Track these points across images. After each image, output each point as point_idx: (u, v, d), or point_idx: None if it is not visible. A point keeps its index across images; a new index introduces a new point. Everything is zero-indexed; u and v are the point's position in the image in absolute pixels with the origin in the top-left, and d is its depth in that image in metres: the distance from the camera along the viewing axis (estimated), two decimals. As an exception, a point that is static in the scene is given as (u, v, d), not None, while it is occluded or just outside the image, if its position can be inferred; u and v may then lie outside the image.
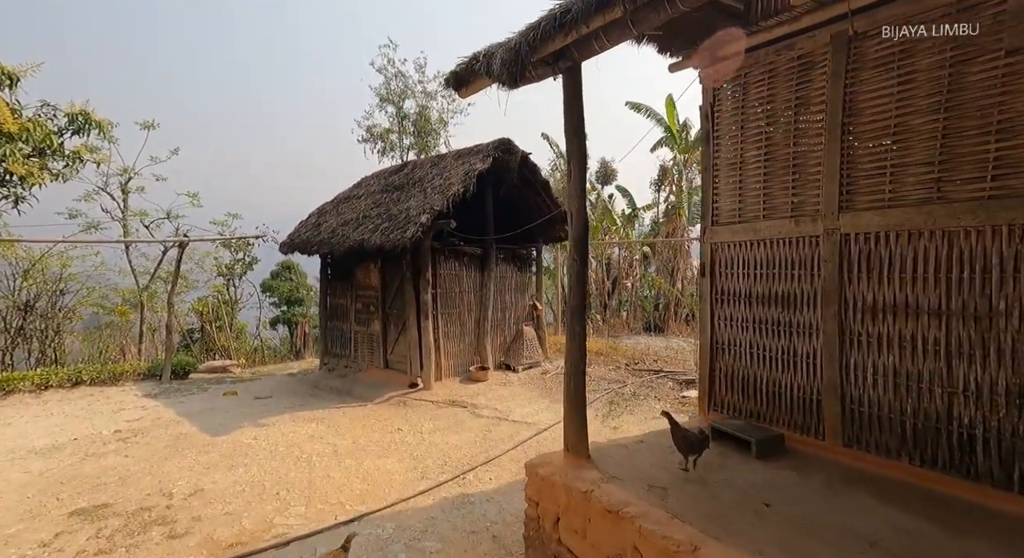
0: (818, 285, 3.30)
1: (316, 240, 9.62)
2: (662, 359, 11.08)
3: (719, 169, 3.95)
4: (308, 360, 14.75)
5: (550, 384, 8.79)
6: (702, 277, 4.11)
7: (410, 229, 7.61)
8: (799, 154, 3.41)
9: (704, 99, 4.05)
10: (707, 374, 4.09)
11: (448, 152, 9.70)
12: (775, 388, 3.60)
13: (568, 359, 3.39)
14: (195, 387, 9.53)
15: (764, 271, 3.64)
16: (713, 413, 4.04)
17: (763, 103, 3.61)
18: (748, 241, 3.73)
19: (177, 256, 10.15)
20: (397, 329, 9.15)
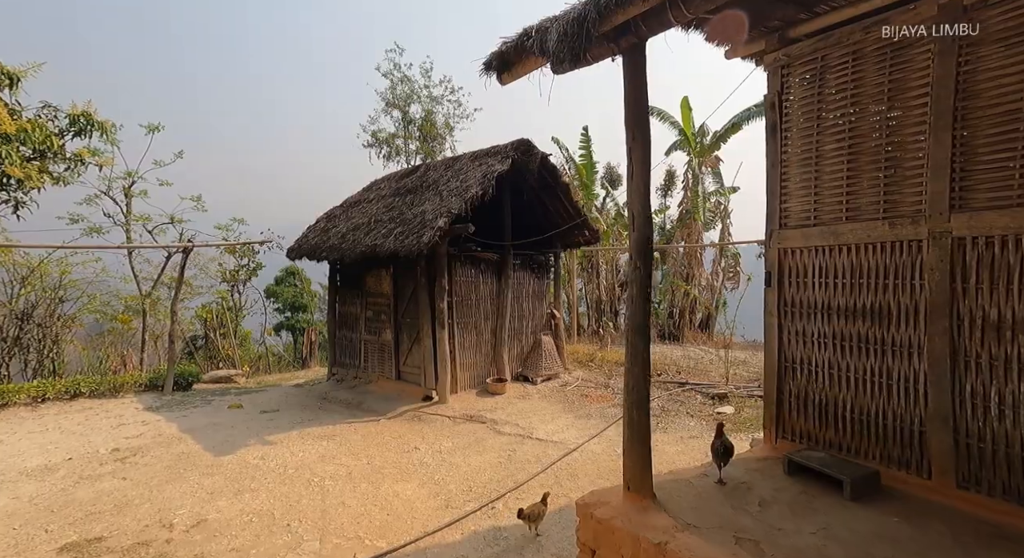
0: (920, 297, 2.84)
1: (325, 246, 9.20)
2: (684, 370, 10.60)
3: (788, 165, 3.51)
4: (314, 369, 14.32)
5: (572, 397, 8.32)
6: (767, 287, 3.66)
7: (426, 234, 7.18)
8: (893, 146, 2.96)
9: (769, 87, 3.62)
10: (774, 397, 3.62)
11: (464, 154, 9.29)
12: (862, 415, 3.14)
13: (629, 384, 2.93)
14: (198, 399, 9.10)
15: (847, 280, 3.19)
16: (782, 441, 3.57)
17: (845, 89, 3.17)
18: (826, 246, 3.28)
19: (181, 262, 9.76)
20: (410, 339, 8.71)
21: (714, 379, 9.73)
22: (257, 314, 21.49)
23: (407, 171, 10.56)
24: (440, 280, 7.99)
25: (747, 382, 9.40)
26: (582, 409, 7.71)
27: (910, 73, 2.86)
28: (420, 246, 7.12)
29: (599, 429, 6.74)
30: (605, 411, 7.55)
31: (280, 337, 20.75)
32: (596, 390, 8.74)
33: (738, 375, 10.11)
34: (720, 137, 17.05)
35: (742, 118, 16.42)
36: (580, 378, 9.47)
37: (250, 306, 19.83)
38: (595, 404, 7.94)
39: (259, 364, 16.16)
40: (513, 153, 8.23)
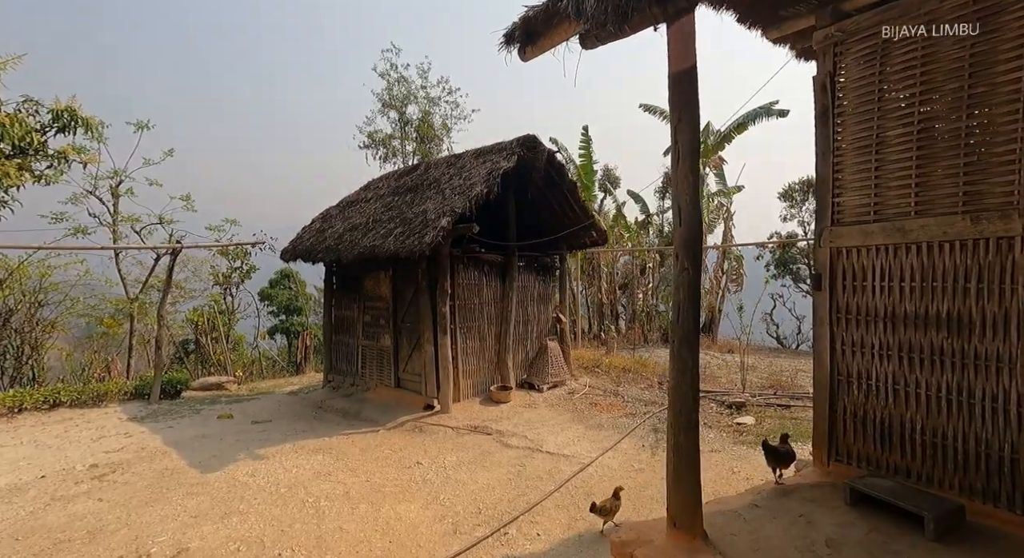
0: (1012, 303, 2.46)
1: (321, 247, 8.77)
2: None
3: (842, 154, 3.13)
4: (309, 375, 13.86)
5: (580, 406, 7.91)
6: (816, 291, 3.27)
7: (428, 234, 6.77)
8: (976, 129, 2.58)
9: (820, 67, 3.24)
10: (826, 413, 3.23)
11: (466, 151, 8.90)
12: (936, 438, 2.75)
13: (676, 403, 2.53)
14: (187, 408, 8.63)
15: (916, 284, 2.80)
16: (837, 464, 3.18)
17: (914, 66, 2.79)
18: (890, 245, 2.90)
19: (169, 264, 9.30)
20: (410, 344, 8.28)
21: (726, 386, 9.35)
22: (251, 317, 21.09)
23: (407, 170, 10.16)
24: (442, 283, 7.58)
25: (761, 389, 9.03)
26: (592, 419, 7.31)
27: (999, 43, 2.49)
28: (422, 247, 6.71)
29: (612, 441, 6.33)
30: (617, 421, 7.14)
31: (274, 341, 20.34)
32: (605, 398, 8.34)
33: (750, 382, 9.74)
34: (724, 137, 16.76)
35: (748, 118, 16.13)
36: (587, 385, 9.07)
37: (243, 309, 19.40)
38: (605, 414, 7.53)
39: (252, 369, 15.69)
40: (519, 150, 7.84)
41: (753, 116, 16.19)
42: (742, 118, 16.33)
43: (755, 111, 16.24)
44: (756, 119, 16.19)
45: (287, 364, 16.75)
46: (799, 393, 8.66)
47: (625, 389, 8.89)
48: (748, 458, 5.51)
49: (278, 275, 21.20)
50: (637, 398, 8.32)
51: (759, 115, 16.17)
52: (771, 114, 15.87)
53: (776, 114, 15.72)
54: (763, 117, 16.08)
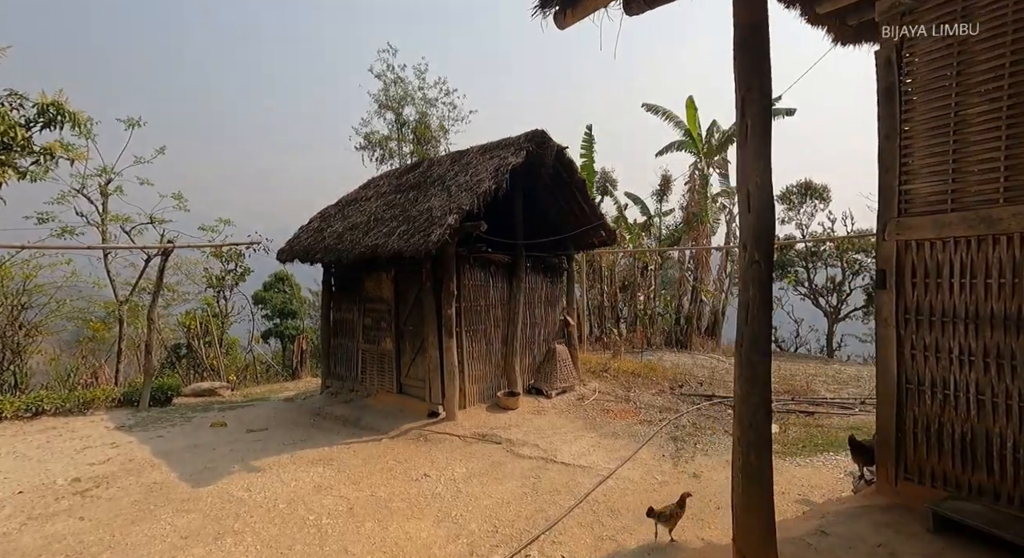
0: None
1: (319, 247, 8.40)
2: (705, 381, 9.90)
3: (911, 136, 2.81)
4: (305, 380, 13.46)
5: (592, 413, 7.57)
6: (880, 289, 2.95)
7: (435, 232, 6.42)
8: (1083, 103, 2.26)
9: (883, 42, 2.92)
10: (892, 426, 2.90)
11: (471, 147, 8.56)
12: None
13: (744, 415, 2.19)
14: (178, 416, 8.22)
15: (1007, 280, 2.48)
16: (906, 483, 2.85)
17: (1004, 33, 2.47)
18: (971, 237, 2.58)
19: (160, 265, 8.89)
20: (413, 348, 7.92)
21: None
22: (244, 321, 20.74)
23: (409, 167, 9.81)
24: (448, 284, 7.22)
25: (775, 394, 8.72)
26: (605, 426, 6.96)
27: (1114, 4, 2.17)
28: (428, 246, 6.36)
29: (630, 450, 5.99)
30: (632, 429, 6.80)
31: (268, 345, 19.95)
32: (617, 404, 8.00)
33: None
34: (729, 138, 16.49)
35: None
36: (597, 390, 8.73)
37: (237, 313, 19.03)
38: (618, 421, 7.19)
39: (246, 374, 15.27)
40: (528, 145, 7.51)
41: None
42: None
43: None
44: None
45: (282, 369, 16.33)
46: (817, 398, 8.36)
47: (637, 395, 8.55)
48: (781, 470, 5.17)
49: (272, 278, 21.01)
50: (650, 404, 7.98)
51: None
52: (776, 114, 15.63)
53: (783, 113, 15.48)
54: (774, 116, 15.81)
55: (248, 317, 20.98)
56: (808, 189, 22.52)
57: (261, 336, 20.25)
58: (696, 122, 16.05)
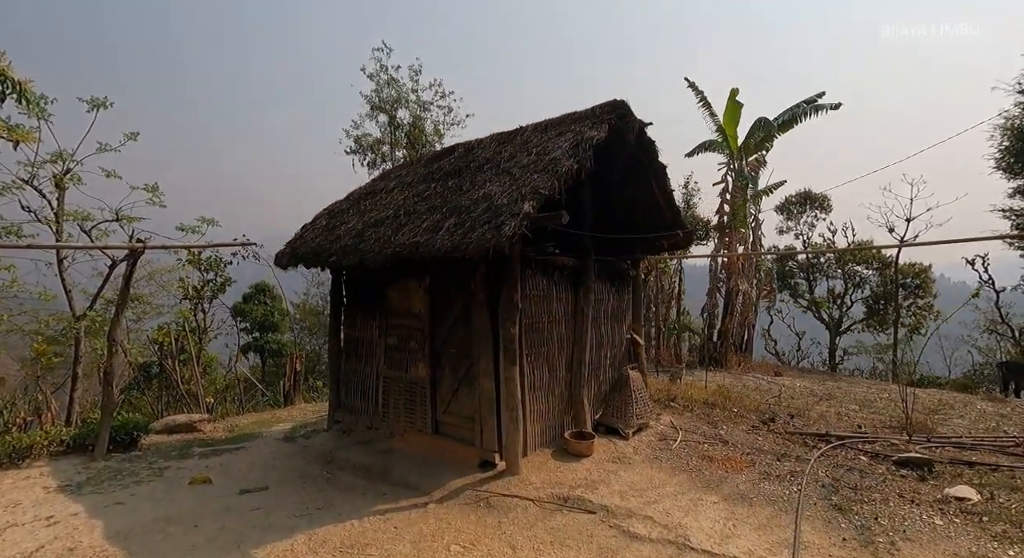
0: None
1: (333, 248, 6.62)
2: (788, 409, 8.30)
3: None
4: (300, 407, 11.52)
5: (690, 461, 5.88)
6: None
7: (507, 224, 4.72)
8: None
9: None
10: None
11: (522, 127, 6.93)
12: None
13: None
14: (145, 466, 6.31)
15: None
16: None
17: None
18: None
19: (126, 270, 7.00)
20: (455, 377, 6.18)
21: (841, 426, 7.46)
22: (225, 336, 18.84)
23: (438, 154, 8.12)
24: (511, 294, 5.51)
25: (891, 430, 7.15)
26: (721, 483, 5.27)
27: None
28: (498, 241, 4.66)
29: (782, 525, 4.33)
30: (760, 488, 5.13)
31: (247, 360, 18.06)
32: (713, 448, 6.33)
33: (864, 418, 7.88)
34: (766, 137, 15.14)
35: (797, 113, 14.57)
36: (677, 427, 7.06)
37: (216, 327, 17.01)
38: (732, 473, 5.52)
39: (226, 395, 13.24)
40: (609, 117, 5.92)
41: (800, 112, 14.64)
42: (786, 115, 14.78)
43: (800, 106, 14.72)
44: (802, 116, 14.64)
45: (268, 388, 14.26)
46: (953, 437, 6.79)
47: (728, 433, 6.90)
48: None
49: (253, 289, 18.92)
50: (754, 447, 6.34)
51: (803, 112, 14.64)
52: (820, 109, 14.34)
53: (827, 108, 14.18)
54: (811, 114, 14.53)
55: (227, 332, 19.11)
56: (808, 199, 21.51)
57: (240, 351, 18.40)
58: (736, 118, 14.64)
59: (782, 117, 14.72)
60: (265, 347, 18.43)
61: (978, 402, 9.75)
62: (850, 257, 21.26)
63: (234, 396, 13.50)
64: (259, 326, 18.72)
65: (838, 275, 22.30)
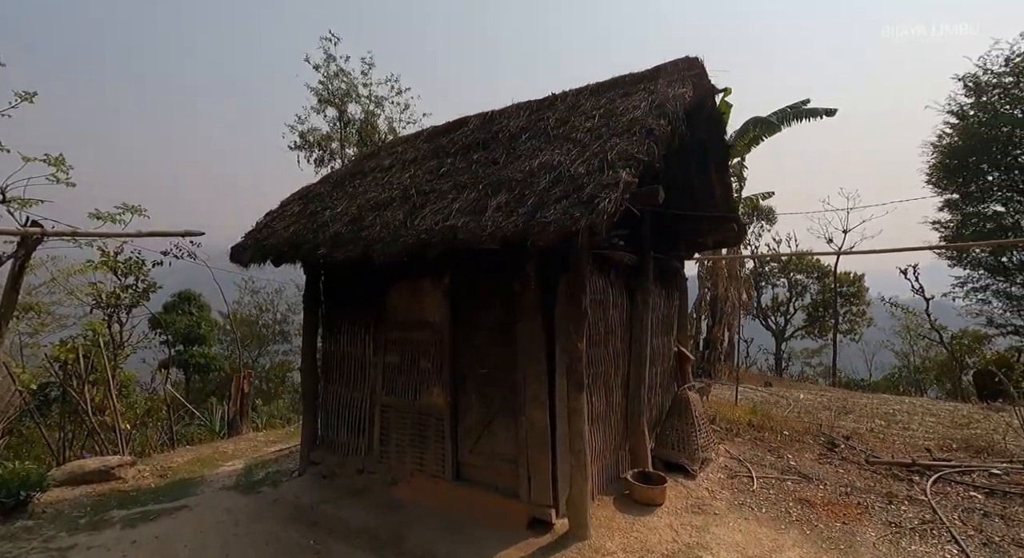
0: None
1: (320, 237, 5.01)
2: (839, 431, 7.39)
3: None
4: (248, 437, 9.55)
5: (788, 507, 4.71)
6: None
7: (603, 197, 3.38)
8: None
9: None
10: None
11: (565, 91, 5.62)
12: None
13: None
14: (37, 550, 4.38)
15: None
16: None
17: None
18: None
19: (14, 265, 5.01)
20: (488, 405, 4.74)
21: (892, 446, 6.60)
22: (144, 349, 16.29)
23: (440, 128, 6.63)
24: (578, 296, 4.15)
25: (963, 455, 6.36)
26: (851, 541, 4.12)
27: None
28: (593, 220, 3.30)
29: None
30: (903, 548, 4.02)
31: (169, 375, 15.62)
32: (798, 485, 5.22)
33: (920, 439, 7.09)
34: (753, 139, 14.64)
35: (783, 117, 14.14)
36: (736, 457, 5.92)
37: (137, 340, 14.52)
38: (851, 524, 4.39)
39: (146, 420, 10.88)
40: (691, 74, 4.71)
41: (784, 116, 14.23)
42: (775, 117, 14.34)
43: (785, 111, 14.33)
44: (787, 120, 14.24)
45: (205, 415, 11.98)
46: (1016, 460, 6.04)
47: (800, 464, 5.83)
48: None
49: (175, 298, 17.10)
50: (844, 483, 5.28)
51: (788, 116, 14.25)
52: (809, 115, 13.98)
53: (822, 113, 13.81)
54: (796, 119, 14.15)
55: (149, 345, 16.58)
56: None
57: (160, 366, 15.92)
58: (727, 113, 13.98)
59: (771, 119, 14.26)
60: (190, 362, 16.15)
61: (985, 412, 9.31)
62: (794, 266, 21.95)
63: (158, 423, 11.18)
64: (183, 338, 16.30)
65: (782, 284, 22.99)
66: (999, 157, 14.17)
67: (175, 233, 6.43)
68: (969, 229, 15.28)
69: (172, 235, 6.52)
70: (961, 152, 14.55)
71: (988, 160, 14.28)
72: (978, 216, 15.08)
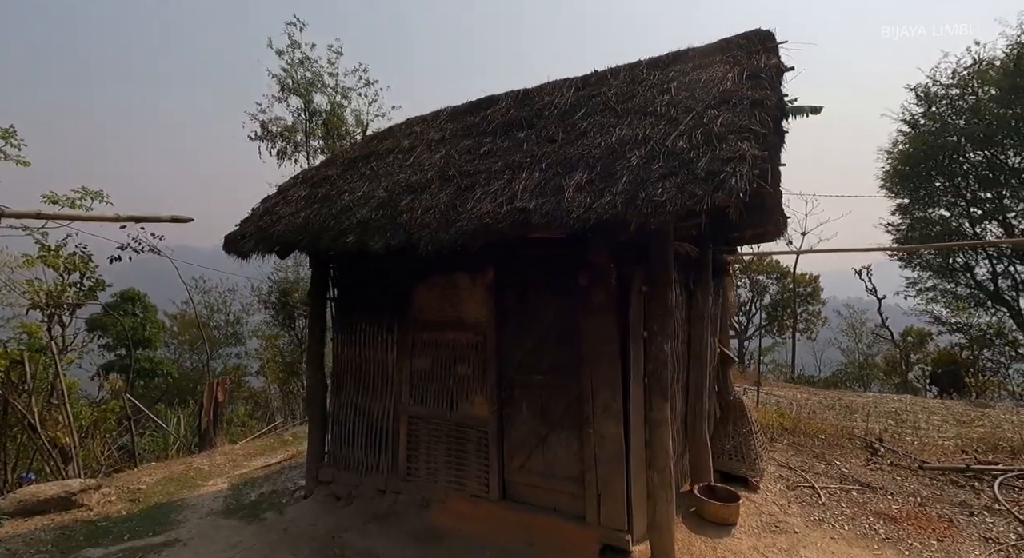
0: None
1: (345, 223, 4.30)
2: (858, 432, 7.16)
3: None
4: (222, 450, 8.61)
5: (870, 522, 4.34)
6: None
7: (732, 174, 2.90)
8: None
9: None
10: None
11: (609, 69, 5.09)
12: None
13: None
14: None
15: None
16: None
17: None
18: None
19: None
20: (543, 416, 4.17)
21: (923, 448, 6.42)
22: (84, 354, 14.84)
23: (462, 109, 5.94)
24: (665, 292, 3.63)
25: (986, 453, 6.22)
26: (941, 557, 3.77)
27: None
28: (729, 191, 2.80)
29: None
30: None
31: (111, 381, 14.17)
32: (864, 496, 4.88)
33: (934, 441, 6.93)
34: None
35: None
36: (787, 465, 5.55)
37: (82, 344, 13.21)
38: (947, 543, 4.05)
39: (94, 434, 9.67)
40: (771, 47, 4.28)
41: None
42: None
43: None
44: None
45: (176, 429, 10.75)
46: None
47: (852, 471, 5.51)
48: None
49: (117, 298, 15.79)
50: (911, 492, 4.97)
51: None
52: (799, 112, 14.00)
53: (807, 111, 13.85)
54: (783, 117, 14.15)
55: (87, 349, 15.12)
56: None
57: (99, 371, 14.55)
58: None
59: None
60: (133, 366, 14.66)
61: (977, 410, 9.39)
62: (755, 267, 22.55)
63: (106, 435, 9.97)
64: (126, 341, 15.02)
65: (744, 284, 23.51)
66: (945, 164, 14.80)
67: (161, 219, 5.51)
68: (917, 232, 15.88)
69: (158, 220, 5.60)
70: (912, 159, 15.13)
71: (935, 167, 14.90)
72: (926, 220, 15.67)
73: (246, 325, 22.40)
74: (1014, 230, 14.18)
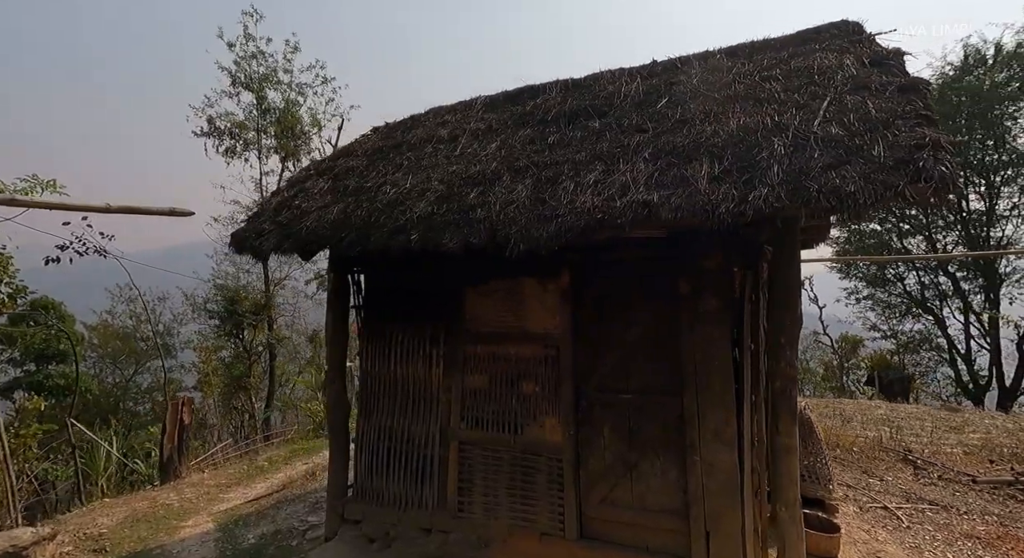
0: None
1: (399, 220, 3.64)
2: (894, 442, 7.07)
3: None
4: (189, 480, 7.54)
5: (970, 547, 4.07)
6: None
7: (939, 160, 2.47)
8: None
9: None
10: None
11: (671, 59, 4.66)
12: None
13: None
14: None
15: None
16: None
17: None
18: None
19: None
20: (631, 441, 3.66)
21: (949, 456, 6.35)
22: None
23: (499, 99, 5.37)
24: (791, 299, 3.21)
25: (1016, 463, 6.23)
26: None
27: None
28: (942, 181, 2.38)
29: None
30: None
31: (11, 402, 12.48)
32: (936, 514, 4.64)
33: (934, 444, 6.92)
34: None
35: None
36: (844, 483, 5.26)
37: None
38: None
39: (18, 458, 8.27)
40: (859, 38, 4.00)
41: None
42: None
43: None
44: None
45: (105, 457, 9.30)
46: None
47: (910, 486, 5.30)
48: None
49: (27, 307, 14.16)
50: (973, 508, 4.78)
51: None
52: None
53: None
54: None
55: None
56: None
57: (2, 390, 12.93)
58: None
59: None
60: (45, 383, 12.82)
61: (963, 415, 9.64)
62: None
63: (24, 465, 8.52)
64: (36, 356, 13.34)
65: None
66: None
67: (158, 211, 4.57)
68: (853, 245, 16.63)
69: (153, 213, 4.63)
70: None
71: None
72: (860, 233, 16.37)
73: (177, 336, 20.52)
74: (935, 244, 15.05)
